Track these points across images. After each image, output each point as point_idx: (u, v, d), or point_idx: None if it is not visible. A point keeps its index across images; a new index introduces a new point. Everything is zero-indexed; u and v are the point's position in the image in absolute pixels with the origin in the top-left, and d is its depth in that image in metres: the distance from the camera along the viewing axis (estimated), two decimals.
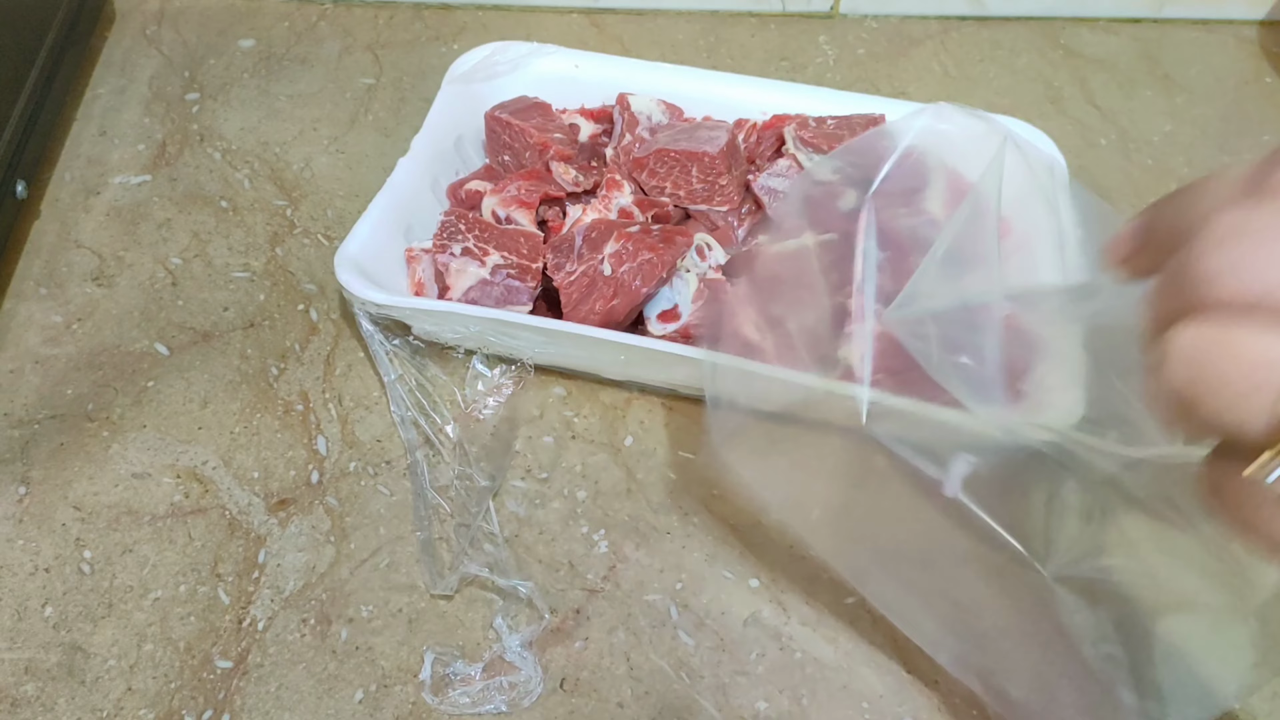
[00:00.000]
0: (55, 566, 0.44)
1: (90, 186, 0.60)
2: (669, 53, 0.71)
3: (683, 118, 0.58)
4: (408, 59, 0.69)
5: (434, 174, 0.55)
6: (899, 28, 0.74)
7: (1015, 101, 0.68)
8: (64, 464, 0.47)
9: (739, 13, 0.74)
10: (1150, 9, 0.74)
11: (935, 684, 0.42)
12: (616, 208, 0.52)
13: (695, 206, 0.54)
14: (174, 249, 0.57)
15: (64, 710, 0.40)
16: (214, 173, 0.61)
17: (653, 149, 0.53)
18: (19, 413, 0.49)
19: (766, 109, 0.57)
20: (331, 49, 0.70)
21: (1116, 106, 0.68)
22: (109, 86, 0.66)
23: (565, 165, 0.54)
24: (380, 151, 0.63)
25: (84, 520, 0.45)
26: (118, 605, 0.43)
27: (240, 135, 0.63)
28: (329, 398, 0.50)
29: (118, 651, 0.42)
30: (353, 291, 0.47)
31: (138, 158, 0.62)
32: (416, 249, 0.51)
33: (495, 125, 0.56)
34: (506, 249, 0.50)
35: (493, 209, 0.52)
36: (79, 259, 0.56)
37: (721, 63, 0.70)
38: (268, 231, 0.58)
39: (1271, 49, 0.73)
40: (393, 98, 0.66)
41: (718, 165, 0.52)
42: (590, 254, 0.49)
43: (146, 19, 0.71)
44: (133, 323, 0.53)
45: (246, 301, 0.54)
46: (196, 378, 0.51)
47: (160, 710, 0.40)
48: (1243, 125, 0.67)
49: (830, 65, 0.71)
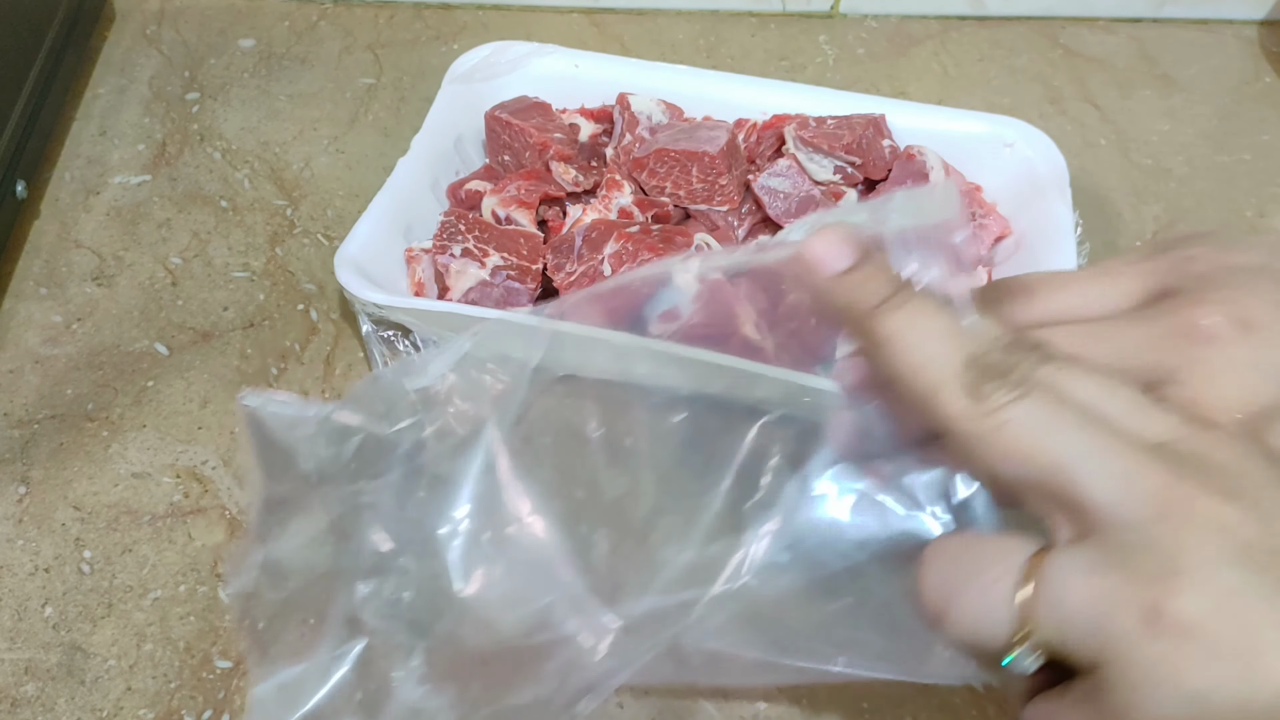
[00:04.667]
0: (55, 566, 0.44)
1: (90, 186, 0.60)
2: (669, 52, 0.71)
3: (683, 118, 0.58)
4: (408, 59, 0.69)
5: (434, 174, 0.55)
6: (899, 27, 0.74)
7: (1015, 101, 0.68)
8: (64, 464, 0.47)
9: (739, 12, 0.74)
10: (1150, 9, 0.74)
11: (936, 685, 0.42)
12: (616, 208, 0.52)
13: (695, 206, 0.54)
14: (174, 249, 0.57)
15: (64, 710, 0.40)
16: (214, 172, 0.61)
17: (653, 149, 0.53)
18: (19, 412, 0.49)
19: (766, 109, 0.57)
20: (332, 49, 0.70)
21: (1115, 106, 0.68)
22: (109, 86, 0.66)
23: (565, 165, 0.54)
24: (380, 151, 0.63)
25: (84, 520, 0.45)
26: (117, 605, 0.43)
27: (240, 135, 0.63)
28: (329, 398, 0.50)
29: (117, 651, 0.42)
30: (353, 292, 0.47)
31: (138, 157, 0.62)
32: (416, 249, 0.51)
33: (495, 125, 0.56)
34: (506, 250, 0.50)
35: (493, 209, 0.52)
36: (79, 259, 0.56)
37: (721, 63, 0.70)
38: (267, 231, 0.58)
39: (1271, 49, 0.73)
40: (393, 97, 0.66)
41: (718, 165, 0.52)
42: (590, 254, 0.49)
43: (146, 19, 0.71)
44: (132, 322, 0.53)
45: (246, 301, 0.54)
46: (196, 377, 0.51)
47: (160, 710, 0.40)
48: (1242, 125, 0.67)
49: (830, 65, 0.71)
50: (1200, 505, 0.22)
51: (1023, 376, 0.24)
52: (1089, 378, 0.24)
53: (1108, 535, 0.23)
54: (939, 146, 0.56)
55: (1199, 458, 0.23)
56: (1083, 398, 0.24)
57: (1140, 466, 0.23)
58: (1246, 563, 0.22)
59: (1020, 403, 0.24)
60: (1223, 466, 0.23)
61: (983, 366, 0.24)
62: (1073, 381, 0.24)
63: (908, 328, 0.26)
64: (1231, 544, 0.22)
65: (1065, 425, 0.23)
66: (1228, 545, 0.22)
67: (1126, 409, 0.24)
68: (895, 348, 0.26)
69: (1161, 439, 0.23)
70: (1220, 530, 0.22)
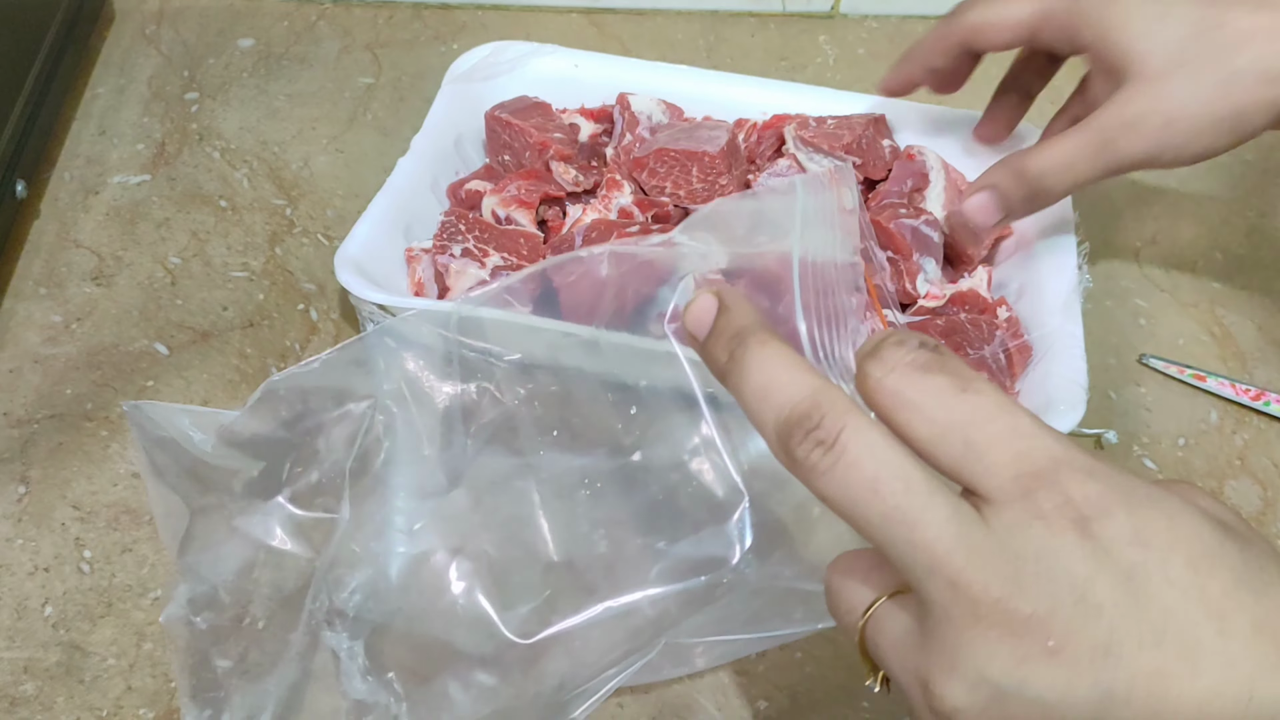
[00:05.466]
0: (54, 566, 0.44)
1: (89, 186, 0.60)
2: (669, 52, 0.71)
3: (683, 117, 0.58)
4: (407, 58, 0.69)
5: (434, 174, 0.55)
6: (899, 27, 0.74)
7: None
8: (63, 463, 0.47)
9: (739, 12, 0.74)
10: None
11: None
12: (616, 208, 0.52)
13: (695, 206, 0.54)
14: (173, 248, 0.57)
15: (63, 709, 0.40)
16: (213, 172, 0.61)
17: (653, 149, 0.53)
18: (18, 412, 0.49)
19: (766, 109, 0.57)
20: (331, 48, 0.70)
21: None
22: (108, 86, 0.66)
23: (565, 165, 0.54)
24: (380, 151, 0.63)
25: (83, 520, 0.45)
26: (117, 604, 0.43)
27: (239, 135, 0.63)
28: None
29: (117, 651, 0.41)
30: (354, 292, 0.47)
31: (137, 157, 0.62)
32: (416, 249, 0.51)
33: (495, 125, 0.56)
34: (506, 250, 0.50)
35: (492, 209, 0.52)
36: (78, 258, 0.56)
37: (721, 62, 0.70)
38: (267, 231, 0.58)
39: None
40: (392, 97, 0.66)
41: (718, 165, 0.52)
42: None
43: (146, 18, 0.71)
44: (132, 322, 0.53)
45: (246, 301, 0.54)
46: (196, 377, 0.51)
47: (159, 709, 0.40)
48: None
49: (830, 65, 0.71)
50: (989, 604, 0.24)
51: (829, 436, 0.26)
52: (888, 444, 0.26)
53: (910, 606, 0.27)
54: (939, 146, 0.56)
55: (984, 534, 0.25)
56: (884, 460, 0.25)
57: (938, 562, 0.24)
58: (1018, 669, 0.24)
59: (829, 473, 0.26)
60: (1007, 549, 0.24)
61: (789, 429, 0.26)
62: (878, 447, 0.26)
63: (741, 383, 0.28)
64: (1009, 650, 0.24)
65: (872, 503, 0.25)
66: (1002, 650, 0.24)
67: (925, 478, 0.25)
68: (742, 402, 0.28)
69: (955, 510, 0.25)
70: (999, 627, 0.24)
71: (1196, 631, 0.24)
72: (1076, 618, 0.23)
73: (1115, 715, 0.24)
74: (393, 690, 0.37)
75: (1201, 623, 0.24)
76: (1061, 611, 0.24)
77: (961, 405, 0.25)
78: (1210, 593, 0.24)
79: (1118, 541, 0.24)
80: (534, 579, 0.38)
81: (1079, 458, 0.25)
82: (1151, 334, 0.55)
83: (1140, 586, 0.24)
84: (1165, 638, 0.23)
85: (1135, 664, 0.23)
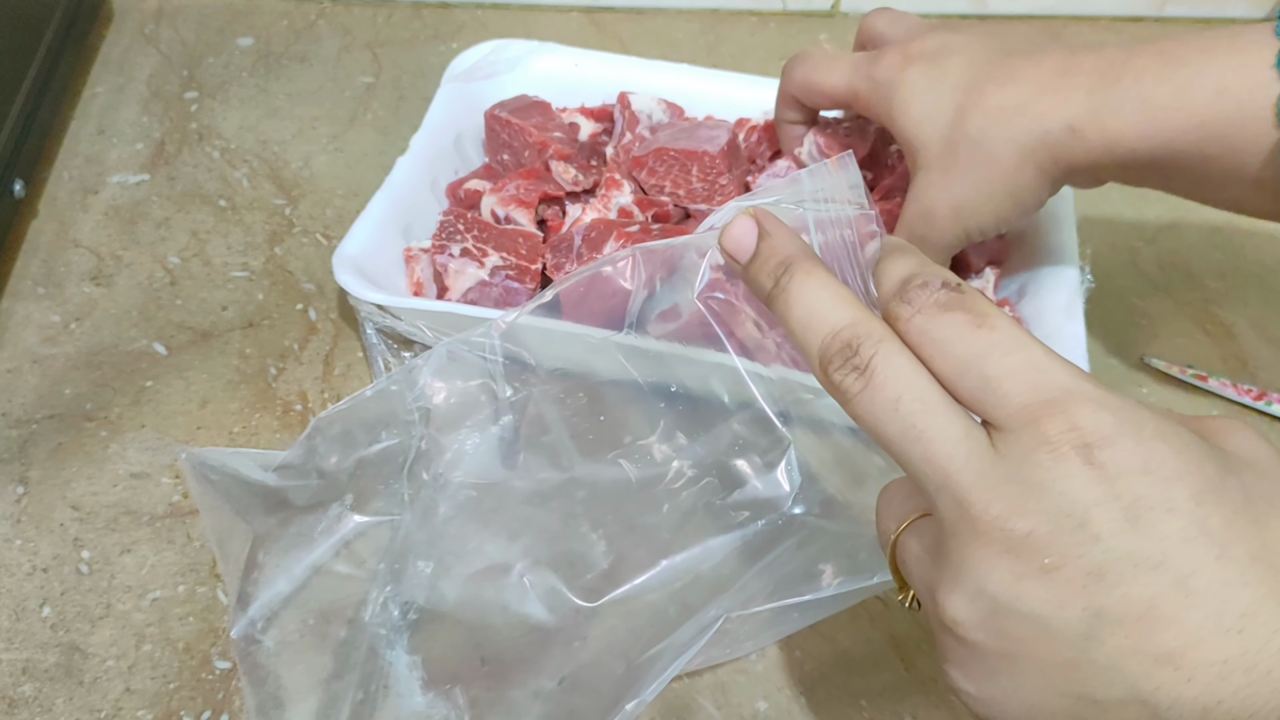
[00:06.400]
0: (53, 566, 0.44)
1: (88, 185, 0.60)
2: (669, 51, 0.70)
3: (683, 117, 0.58)
4: (407, 57, 0.69)
5: (433, 173, 0.55)
6: None
7: None
8: (62, 464, 0.47)
9: (739, 11, 0.74)
10: (1151, 8, 0.74)
11: (934, 682, 0.42)
12: (616, 207, 0.52)
13: (695, 206, 0.54)
14: (172, 248, 0.57)
15: (62, 710, 0.40)
16: (212, 171, 0.61)
17: (653, 148, 0.53)
18: (17, 412, 0.49)
19: (767, 108, 0.57)
20: (330, 47, 0.70)
21: None
22: (107, 85, 0.66)
23: (565, 164, 0.54)
24: (379, 150, 0.62)
25: (82, 520, 0.45)
26: (116, 605, 0.43)
27: (239, 134, 0.63)
28: (328, 398, 0.50)
29: (116, 652, 0.41)
30: (352, 292, 0.47)
31: (136, 156, 0.62)
32: (415, 249, 0.51)
33: (494, 124, 0.56)
34: (505, 250, 0.50)
35: (492, 208, 0.52)
36: (77, 258, 0.56)
37: (722, 61, 0.70)
38: (266, 231, 0.58)
39: None
40: (392, 96, 0.66)
41: (718, 165, 0.52)
42: (590, 254, 0.49)
43: (145, 17, 0.71)
44: (131, 322, 0.53)
45: (245, 301, 0.54)
46: (195, 377, 0.51)
47: (159, 711, 0.40)
48: None
49: None
50: (989, 520, 0.25)
51: (863, 362, 0.27)
52: (913, 369, 0.27)
53: (932, 526, 0.28)
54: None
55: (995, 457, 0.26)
56: (912, 385, 0.27)
57: (947, 479, 0.26)
58: (1014, 585, 0.25)
59: (859, 395, 0.27)
60: (1013, 472, 0.25)
61: (831, 354, 0.28)
62: (903, 372, 0.27)
63: (787, 311, 0.30)
64: (1006, 566, 0.25)
65: (893, 420, 0.27)
66: (1000, 566, 0.25)
67: (945, 401, 0.27)
68: (787, 327, 0.30)
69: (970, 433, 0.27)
70: (999, 544, 0.25)
71: (1194, 561, 0.24)
72: (1073, 539, 0.24)
73: (1105, 636, 0.24)
74: (455, 703, 0.39)
75: (1200, 552, 0.24)
76: (1059, 532, 0.24)
77: (979, 340, 0.27)
78: (1212, 524, 0.24)
79: (1123, 469, 0.24)
80: (594, 555, 0.40)
81: (1091, 389, 0.26)
82: (1153, 334, 0.55)
83: (1141, 514, 0.24)
84: (1162, 565, 0.24)
85: (1129, 588, 0.24)
